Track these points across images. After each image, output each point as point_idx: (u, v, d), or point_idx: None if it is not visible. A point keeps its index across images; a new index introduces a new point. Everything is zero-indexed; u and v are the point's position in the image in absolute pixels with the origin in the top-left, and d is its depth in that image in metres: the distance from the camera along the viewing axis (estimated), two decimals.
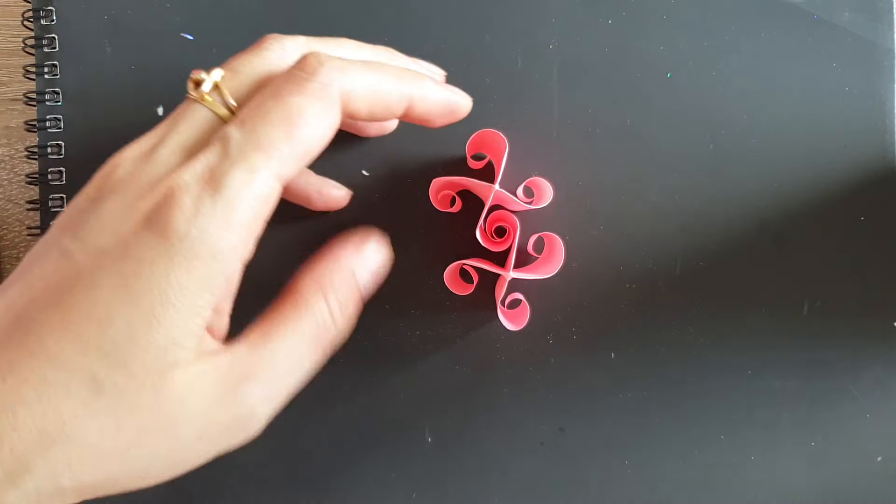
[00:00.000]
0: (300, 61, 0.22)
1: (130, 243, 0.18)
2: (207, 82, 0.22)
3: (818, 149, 0.31)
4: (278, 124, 0.20)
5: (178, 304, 0.18)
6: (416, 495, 0.31)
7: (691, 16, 0.31)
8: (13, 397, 0.17)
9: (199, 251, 0.19)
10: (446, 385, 0.31)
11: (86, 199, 0.20)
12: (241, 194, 0.19)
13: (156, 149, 0.21)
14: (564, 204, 0.31)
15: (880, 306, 0.31)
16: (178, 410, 0.19)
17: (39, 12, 0.31)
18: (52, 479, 0.17)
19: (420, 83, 0.24)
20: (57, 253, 0.19)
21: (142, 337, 0.18)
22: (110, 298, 0.18)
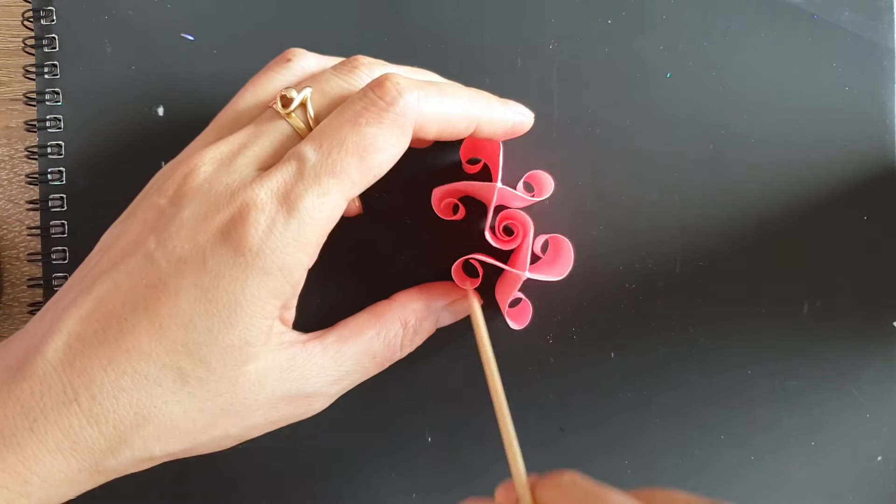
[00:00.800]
0: (379, 84, 0.22)
1: (208, 256, 0.21)
2: (296, 100, 0.23)
3: (818, 149, 0.31)
4: (353, 152, 0.21)
5: (249, 310, 0.21)
6: (416, 495, 0.31)
7: (691, 16, 0.31)
8: (114, 385, 0.20)
9: (270, 267, 0.21)
10: (446, 385, 0.31)
11: (167, 200, 0.22)
12: (313, 216, 0.21)
13: (234, 157, 0.22)
14: (564, 204, 0.31)
15: (880, 306, 0.31)
16: (250, 399, 0.22)
17: (39, 12, 0.31)
18: (145, 450, 0.21)
19: (488, 107, 0.25)
20: (142, 256, 0.21)
21: (219, 339, 0.21)
22: (192, 306, 0.21)
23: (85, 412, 0.20)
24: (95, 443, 0.20)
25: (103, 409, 0.20)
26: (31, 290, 0.32)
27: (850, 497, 0.31)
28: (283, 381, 0.23)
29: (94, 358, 0.20)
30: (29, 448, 0.20)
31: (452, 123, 0.24)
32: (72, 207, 0.31)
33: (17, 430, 0.20)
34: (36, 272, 0.32)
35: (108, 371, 0.20)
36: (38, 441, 0.20)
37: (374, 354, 0.25)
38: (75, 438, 0.20)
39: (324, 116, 0.23)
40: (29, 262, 0.32)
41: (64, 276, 0.31)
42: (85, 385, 0.20)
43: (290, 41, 0.31)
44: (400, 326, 0.26)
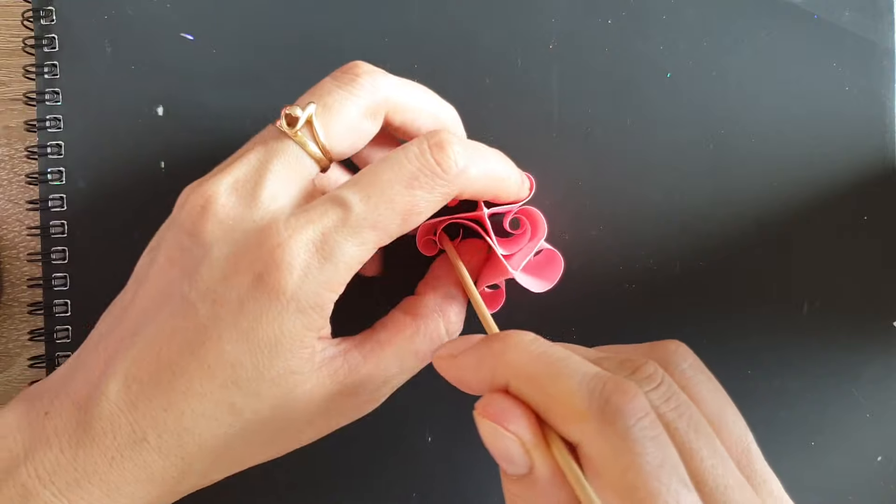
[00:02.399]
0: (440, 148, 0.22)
1: (244, 300, 0.21)
2: (301, 119, 0.23)
3: (818, 149, 0.31)
4: (399, 214, 0.22)
5: (289, 345, 0.22)
6: (416, 495, 0.31)
7: (691, 16, 0.31)
8: (176, 424, 0.21)
9: (303, 307, 0.21)
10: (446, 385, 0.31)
11: (187, 236, 0.22)
12: (346, 262, 0.22)
13: (255, 190, 0.22)
14: (564, 204, 0.31)
15: (880, 306, 0.31)
16: (303, 418, 0.23)
17: (39, 12, 0.31)
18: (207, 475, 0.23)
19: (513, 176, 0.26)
20: (179, 299, 0.22)
21: (265, 372, 0.22)
22: (235, 347, 0.21)
23: (154, 449, 0.21)
24: (168, 472, 0.22)
25: (170, 445, 0.22)
26: (31, 290, 0.32)
27: (850, 497, 0.31)
28: (330, 394, 0.23)
29: (154, 399, 0.21)
30: (112, 482, 0.21)
31: (484, 193, 0.25)
32: (72, 207, 0.31)
33: (99, 467, 0.21)
34: (36, 272, 0.32)
35: (168, 412, 0.21)
36: (119, 475, 0.21)
37: (415, 352, 0.25)
38: (150, 471, 0.22)
39: (333, 133, 0.23)
40: (29, 262, 0.32)
41: (63, 276, 0.31)
42: (150, 425, 0.21)
43: (289, 41, 0.31)
44: (438, 317, 0.26)
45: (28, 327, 0.32)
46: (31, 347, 0.32)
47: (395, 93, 0.24)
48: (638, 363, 0.20)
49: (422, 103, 0.25)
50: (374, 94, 0.24)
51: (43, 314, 0.31)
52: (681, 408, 0.19)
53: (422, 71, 0.31)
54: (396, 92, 0.24)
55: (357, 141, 0.24)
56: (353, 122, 0.24)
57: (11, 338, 0.32)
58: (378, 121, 0.25)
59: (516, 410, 0.19)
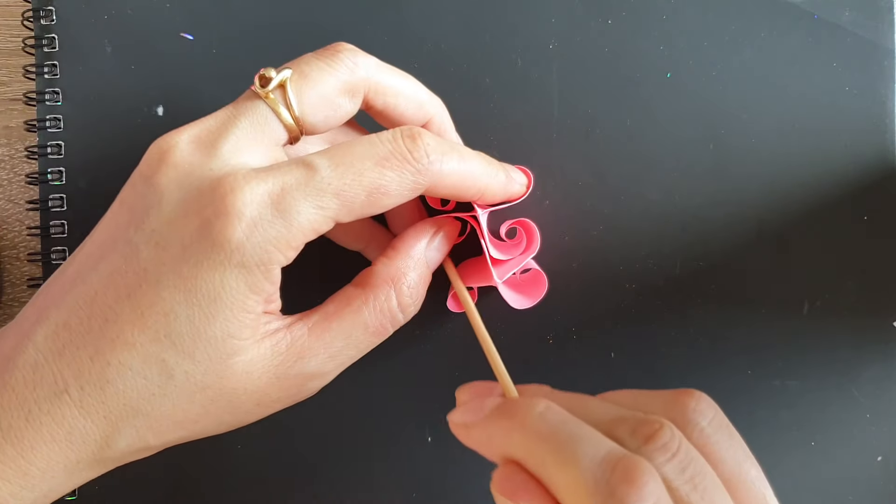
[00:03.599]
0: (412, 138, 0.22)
1: (187, 245, 0.20)
2: (274, 81, 0.22)
3: (818, 149, 0.31)
4: (366, 186, 0.21)
5: (230, 303, 0.21)
6: (416, 495, 0.31)
7: (691, 16, 0.31)
8: (100, 376, 0.20)
9: (248, 262, 0.20)
10: (446, 385, 0.31)
11: (143, 180, 0.22)
12: (301, 223, 0.21)
13: (216, 142, 0.22)
14: (564, 204, 0.31)
15: (880, 306, 0.31)
16: (239, 389, 0.22)
17: (39, 12, 0.31)
18: (141, 440, 0.21)
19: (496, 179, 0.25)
20: (123, 244, 0.21)
21: (201, 330, 0.21)
22: (172, 295, 0.20)
23: (76, 403, 0.20)
24: (89, 433, 0.20)
25: (93, 400, 0.20)
26: (31, 290, 0.32)
27: (850, 497, 0.31)
28: (270, 367, 0.22)
29: (82, 348, 0.20)
30: (26, 440, 0.20)
31: (463, 190, 0.24)
32: (72, 207, 0.31)
33: (15, 421, 0.20)
34: (36, 272, 0.32)
35: (94, 361, 0.20)
36: (34, 432, 0.20)
37: (365, 325, 0.24)
38: (69, 429, 0.20)
39: (306, 102, 0.23)
40: (29, 262, 0.32)
41: None
42: (74, 375, 0.20)
43: (289, 41, 0.31)
44: (389, 287, 0.24)
45: None
46: None
47: (377, 74, 0.24)
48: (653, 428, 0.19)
49: (405, 89, 0.25)
50: (353, 71, 0.23)
51: None
52: (696, 478, 0.18)
53: (422, 71, 0.31)
54: (378, 73, 0.24)
55: (331, 116, 0.24)
56: (328, 94, 0.23)
57: None
58: (356, 100, 0.24)
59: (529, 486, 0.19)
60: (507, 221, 0.29)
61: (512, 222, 0.29)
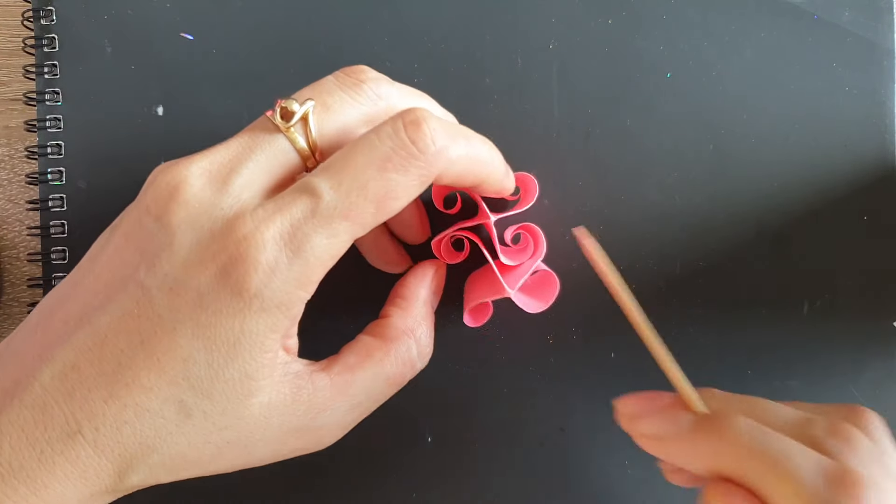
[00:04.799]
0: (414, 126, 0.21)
1: (204, 293, 0.20)
2: (297, 114, 0.21)
3: (818, 149, 0.31)
4: (373, 200, 0.20)
5: (249, 346, 0.20)
6: (416, 495, 0.31)
7: (691, 16, 0.31)
8: (116, 418, 0.20)
9: (268, 306, 0.20)
10: (446, 385, 0.31)
11: (151, 218, 0.21)
12: (318, 256, 0.20)
13: (229, 177, 0.21)
14: (564, 204, 0.31)
15: (880, 306, 0.31)
16: (257, 434, 0.21)
17: (39, 12, 0.31)
18: (152, 476, 0.21)
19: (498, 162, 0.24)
20: (134, 286, 0.20)
21: (220, 372, 0.20)
22: (190, 342, 0.20)
23: (90, 443, 0.20)
24: (103, 470, 0.20)
25: (108, 440, 0.20)
26: (31, 290, 0.32)
27: None
28: (289, 415, 0.22)
29: (94, 390, 0.20)
30: (39, 479, 0.20)
31: (465, 178, 0.23)
32: (72, 207, 0.31)
33: (26, 461, 0.20)
34: (36, 272, 0.32)
35: (109, 404, 0.20)
36: (48, 472, 0.20)
37: (386, 377, 0.24)
38: (83, 468, 0.20)
39: (325, 134, 0.22)
40: (29, 262, 0.32)
41: (63, 277, 0.30)
42: (87, 417, 0.20)
43: (289, 41, 0.31)
44: (409, 339, 0.25)
45: None
46: None
47: (400, 103, 0.23)
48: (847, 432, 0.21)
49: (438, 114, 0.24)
50: (376, 103, 0.23)
51: None
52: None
53: (422, 71, 0.31)
54: (401, 103, 0.23)
55: None
56: (349, 126, 0.23)
57: None
58: None
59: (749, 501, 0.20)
60: (511, 227, 0.29)
61: (516, 228, 0.29)
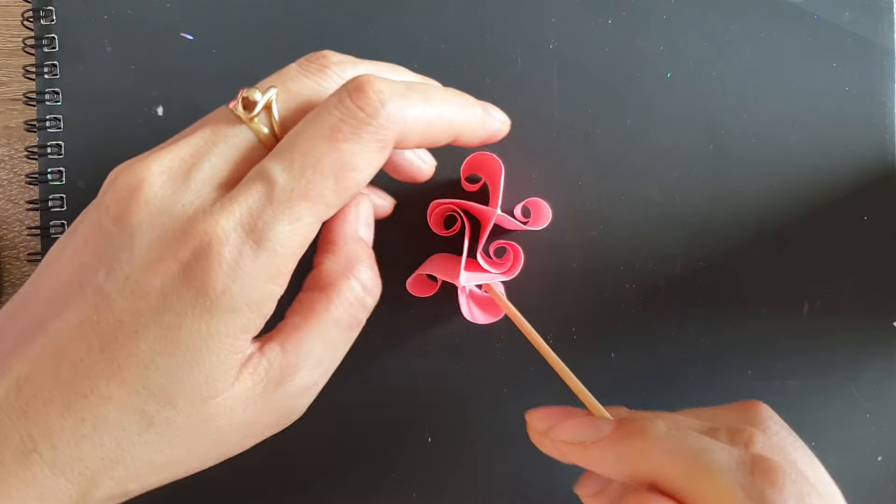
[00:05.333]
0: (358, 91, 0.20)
1: (168, 294, 0.19)
2: (260, 104, 0.20)
3: (818, 149, 0.31)
4: (329, 173, 0.19)
5: (217, 349, 0.19)
6: (416, 495, 0.31)
7: (691, 16, 0.31)
8: (74, 432, 0.18)
9: (237, 304, 0.19)
10: (446, 385, 0.31)
11: (111, 220, 0.20)
12: (284, 245, 0.19)
13: (190, 173, 0.20)
14: (564, 204, 0.31)
15: (880, 306, 0.31)
16: (224, 426, 0.20)
17: (39, 12, 0.31)
18: (120, 489, 0.20)
19: (471, 115, 0.23)
20: (91, 290, 0.19)
21: (184, 379, 0.19)
22: (152, 347, 0.19)
23: (47, 462, 0.18)
24: (64, 491, 0.19)
25: (66, 458, 0.19)
26: None
27: (851, 497, 0.31)
28: (254, 397, 0.21)
29: (50, 403, 0.18)
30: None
31: (435, 133, 0.22)
32: (71, 207, 0.31)
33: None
34: None
35: (66, 417, 0.18)
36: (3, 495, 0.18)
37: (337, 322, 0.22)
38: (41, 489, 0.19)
39: (290, 121, 0.21)
40: (29, 262, 0.32)
41: None
42: (43, 434, 0.18)
43: (289, 41, 0.31)
44: (348, 278, 0.22)
45: None
46: None
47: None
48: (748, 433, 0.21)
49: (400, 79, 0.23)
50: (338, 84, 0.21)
51: None
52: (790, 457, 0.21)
53: (422, 71, 0.31)
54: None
55: None
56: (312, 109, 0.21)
57: None
58: None
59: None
60: (499, 241, 0.29)
61: (505, 243, 0.29)
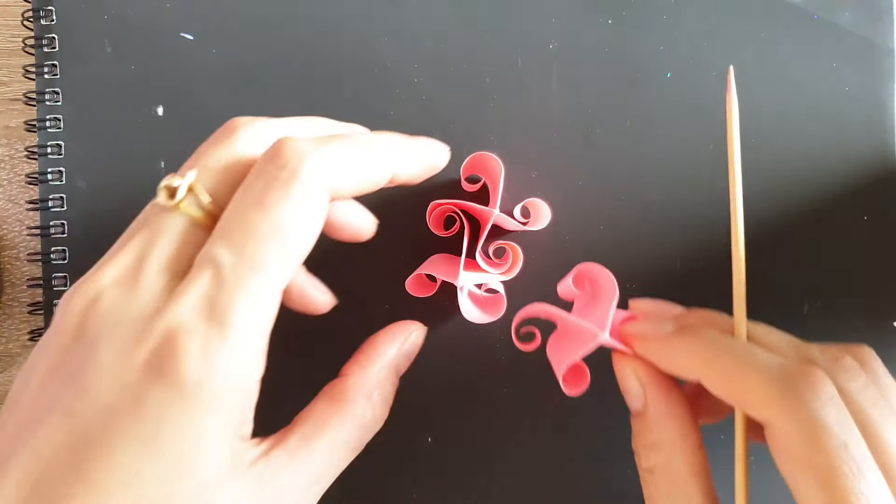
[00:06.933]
0: (275, 154, 0.20)
1: (141, 398, 0.18)
2: (182, 188, 0.20)
3: (818, 149, 0.31)
4: (269, 239, 0.19)
5: (205, 447, 0.18)
6: (416, 495, 0.31)
7: (691, 16, 0.31)
8: None
9: (217, 393, 0.18)
10: (446, 385, 0.31)
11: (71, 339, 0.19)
12: (250, 324, 0.19)
13: (138, 275, 0.19)
14: (564, 204, 0.31)
15: (880, 306, 0.31)
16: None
17: (39, 12, 0.31)
18: None
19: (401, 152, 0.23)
20: (61, 414, 0.18)
21: (176, 486, 0.18)
22: (135, 461, 0.18)
23: None
24: None
25: None
26: (31, 290, 0.32)
27: None
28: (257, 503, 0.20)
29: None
30: None
31: (366, 178, 0.22)
32: (72, 207, 0.31)
33: None
34: (36, 272, 0.32)
35: None
36: None
37: (346, 443, 0.22)
38: None
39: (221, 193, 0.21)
40: (29, 262, 0.32)
41: (63, 276, 0.31)
42: None
43: (289, 41, 0.31)
44: (365, 401, 0.23)
45: (28, 327, 0.32)
46: (31, 347, 0.32)
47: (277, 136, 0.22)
48: (839, 354, 0.22)
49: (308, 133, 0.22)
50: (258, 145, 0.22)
51: (43, 314, 0.31)
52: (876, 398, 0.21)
53: (422, 71, 0.31)
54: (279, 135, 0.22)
55: None
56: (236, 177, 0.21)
57: (11, 338, 0.32)
58: None
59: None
60: (498, 241, 0.29)
61: (504, 243, 0.29)
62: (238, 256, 0.19)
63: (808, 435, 0.19)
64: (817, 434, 0.19)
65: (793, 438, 0.20)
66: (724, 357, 0.22)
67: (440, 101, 0.31)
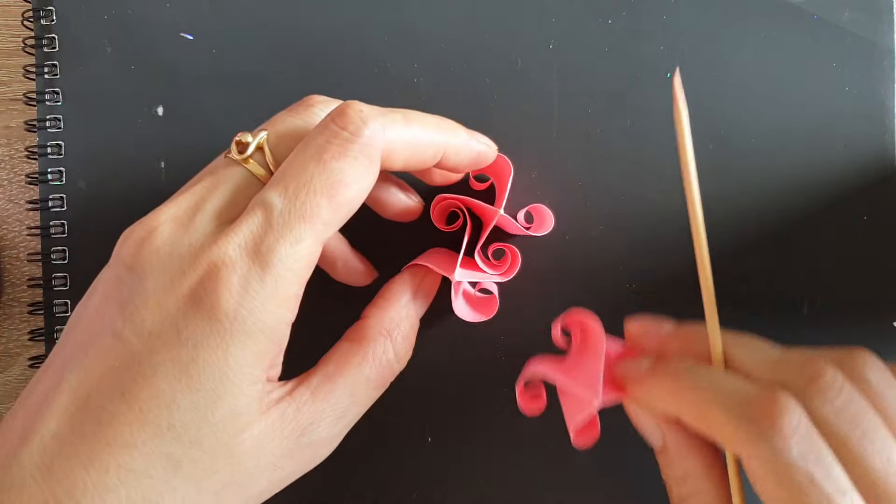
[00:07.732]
0: (340, 113, 0.21)
1: (181, 327, 0.19)
2: (252, 145, 0.22)
3: (818, 149, 0.31)
4: (322, 191, 0.20)
5: (236, 379, 0.19)
6: (416, 495, 0.31)
7: (691, 16, 0.31)
8: (98, 486, 0.18)
9: (251, 329, 0.19)
10: (446, 385, 0.31)
11: (125, 269, 0.20)
12: (289, 267, 0.20)
13: (193, 214, 0.21)
14: (564, 204, 0.31)
15: (880, 306, 0.31)
16: (251, 467, 0.20)
17: (39, 12, 0.31)
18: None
19: (454, 135, 0.24)
20: (110, 336, 0.19)
21: (208, 415, 0.19)
22: (172, 384, 0.19)
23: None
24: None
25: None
26: (31, 290, 0.32)
27: None
28: (280, 440, 0.21)
29: (74, 457, 0.18)
30: None
31: (419, 152, 0.23)
32: (72, 207, 0.31)
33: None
34: (36, 272, 0.32)
35: (89, 471, 0.18)
36: None
37: (367, 379, 0.23)
38: None
39: (283, 157, 0.22)
40: (29, 262, 0.32)
41: (63, 276, 0.31)
42: (67, 492, 0.18)
43: (289, 41, 0.31)
44: (385, 339, 0.24)
45: (28, 327, 0.32)
46: (31, 347, 0.32)
47: None
48: (818, 369, 0.21)
49: None
50: None
51: (43, 314, 0.31)
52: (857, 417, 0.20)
53: (422, 71, 0.31)
54: None
55: None
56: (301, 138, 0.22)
57: (11, 338, 0.32)
58: None
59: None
60: (498, 243, 0.29)
61: (503, 245, 0.29)
62: (290, 203, 0.20)
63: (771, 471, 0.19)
64: (779, 470, 0.19)
65: (757, 474, 0.19)
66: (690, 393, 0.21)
67: (440, 101, 0.31)
